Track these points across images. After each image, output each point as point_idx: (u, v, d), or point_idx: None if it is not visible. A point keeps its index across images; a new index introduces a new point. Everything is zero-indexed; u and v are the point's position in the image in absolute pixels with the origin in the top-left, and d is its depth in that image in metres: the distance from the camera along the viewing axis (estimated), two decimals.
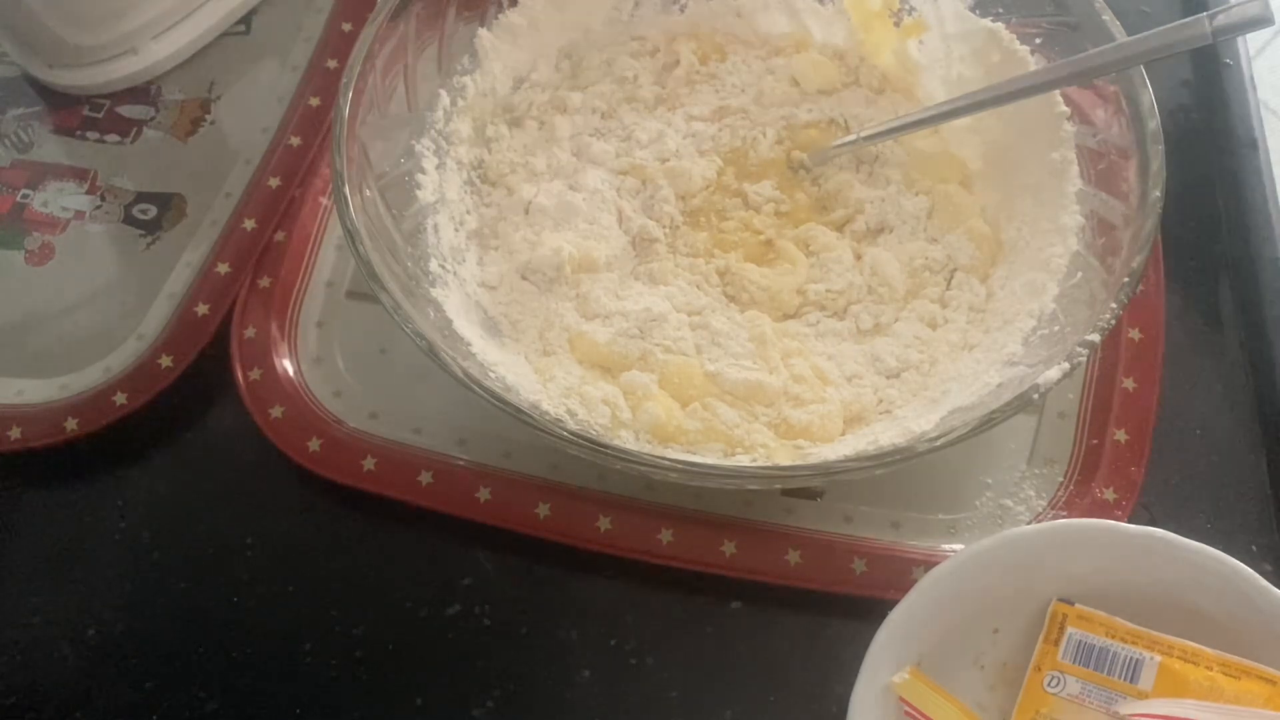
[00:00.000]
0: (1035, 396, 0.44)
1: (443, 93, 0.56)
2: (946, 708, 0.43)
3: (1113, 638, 0.44)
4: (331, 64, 0.65)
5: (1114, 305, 0.45)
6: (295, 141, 0.62)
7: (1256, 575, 0.43)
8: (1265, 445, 0.54)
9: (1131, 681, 0.43)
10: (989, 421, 0.43)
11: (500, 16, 0.59)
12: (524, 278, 0.55)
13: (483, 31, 0.58)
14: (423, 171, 0.54)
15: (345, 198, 0.48)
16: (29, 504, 0.54)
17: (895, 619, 0.43)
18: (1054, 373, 0.44)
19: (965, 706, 0.43)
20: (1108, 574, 0.45)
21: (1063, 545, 0.45)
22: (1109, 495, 0.51)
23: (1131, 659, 0.44)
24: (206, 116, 0.65)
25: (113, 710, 0.49)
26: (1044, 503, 0.52)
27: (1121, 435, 0.52)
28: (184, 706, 0.49)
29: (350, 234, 0.47)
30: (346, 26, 0.66)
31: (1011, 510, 0.52)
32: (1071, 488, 0.52)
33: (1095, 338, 0.45)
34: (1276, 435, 0.54)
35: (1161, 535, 0.44)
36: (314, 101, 0.64)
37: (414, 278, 0.51)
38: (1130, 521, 0.48)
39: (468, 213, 0.57)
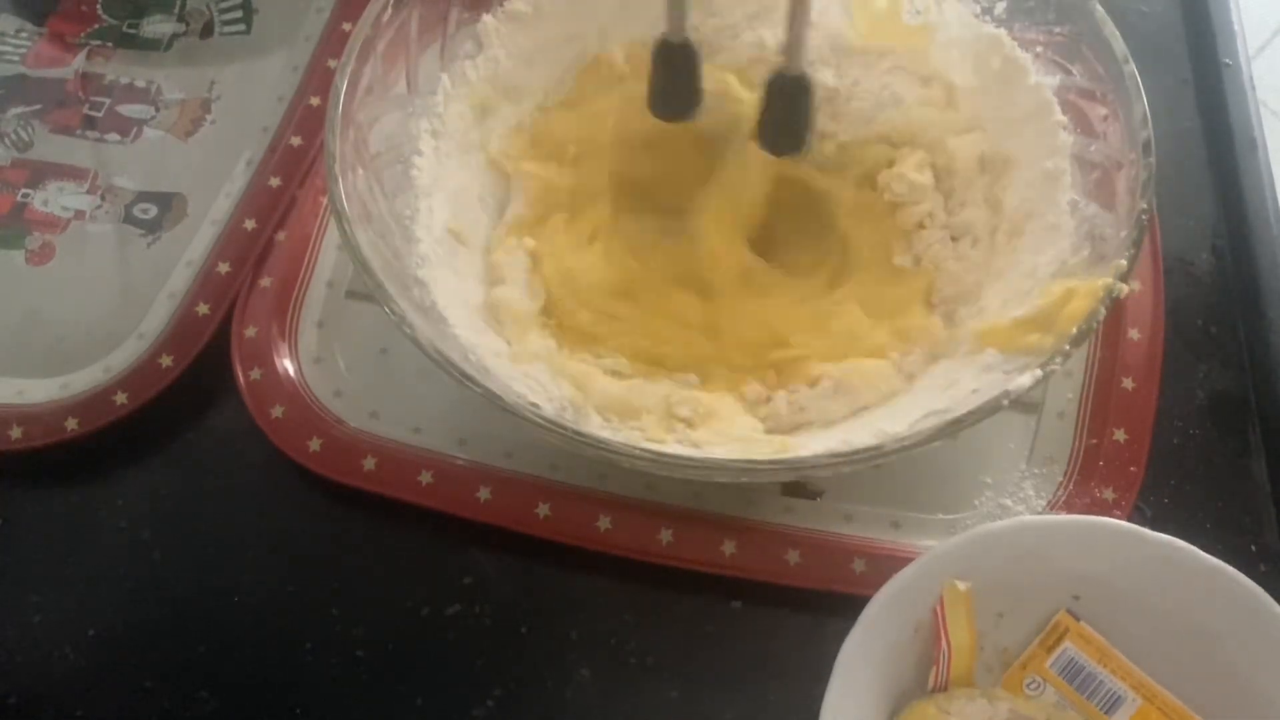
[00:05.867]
0: (1005, 403, 0.43)
1: (444, 76, 0.55)
2: (966, 633, 0.43)
3: (1104, 666, 0.44)
4: (331, 64, 0.65)
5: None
6: (295, 141, 0.62)
7: (1273, 601, 0.42)
8: (1264, 445, 0.54)
9: (1107, 714, 0.43)
10: (957, 425, 0.42)
11: (505, 3, 0.58)
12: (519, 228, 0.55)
13: (486, 17, 0.57)
14: (419, 154, 0.54)
15: (336, 177, 0.47)
16: (29, 504, 0.54)
17: (901, 580, 0.43)
18: (1025, 379, 0.43)
19: (977, 649, 0.43)
20: (1119, 575, 0.44)
21: (1078, 541, 0.45)
22: (1108, 495, 0.51)
23: (1114, 693, 0.44)
24: (207, 116, 0.65)
25: (113, 710, 0.49)
26: (1043, 502, 0.52)
27: (1121, 435, 0.52)
28: (184, 706, 0.49)
29: (340, 217, 0.46)
30: (346, 26, 0.66)
31: (1011, 510, 0.52)
32: (1071, 487, 0.52)
33: (1068, 347, 0.44)
34: (1275, 435, 0.54)
35: (1182, 546, 0.44)
36: (314, 101, 0.63)
37: (399, 256, 0.49)
38: (1129, 521, 0.49)
39: (464, 197, 0.56)
